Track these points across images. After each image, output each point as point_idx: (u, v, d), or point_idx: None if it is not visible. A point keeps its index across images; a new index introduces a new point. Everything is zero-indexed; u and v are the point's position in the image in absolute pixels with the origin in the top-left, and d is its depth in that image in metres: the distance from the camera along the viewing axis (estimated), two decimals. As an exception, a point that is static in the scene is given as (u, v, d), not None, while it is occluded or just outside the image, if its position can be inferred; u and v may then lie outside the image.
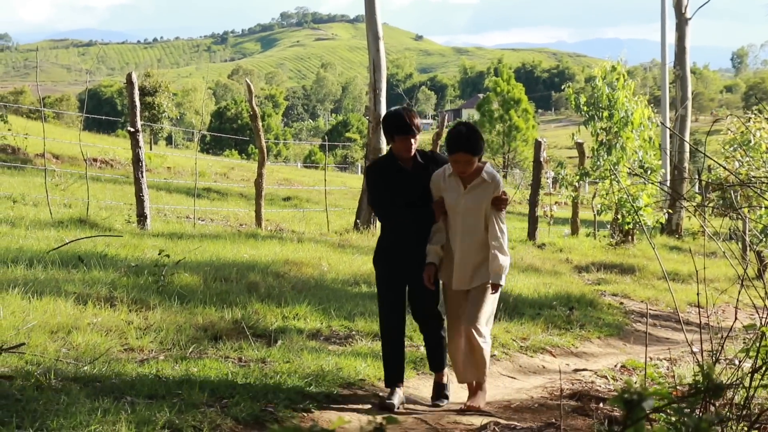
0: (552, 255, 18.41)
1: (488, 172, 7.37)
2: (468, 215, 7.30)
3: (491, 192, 7.31)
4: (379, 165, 7.74)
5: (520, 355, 9.86)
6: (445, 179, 7.36)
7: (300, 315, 9.76)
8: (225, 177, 32.56)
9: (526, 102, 78.03)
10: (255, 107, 18.40)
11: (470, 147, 7.17)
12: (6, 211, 14.93)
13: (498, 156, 74.74)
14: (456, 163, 7.24)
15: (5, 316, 7.84)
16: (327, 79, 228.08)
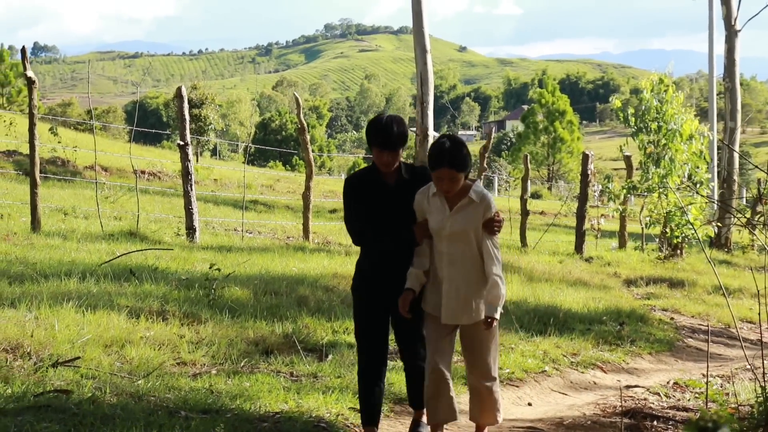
0: (600, 269, 18.31)
1: (477, 191, 6.46)
2: (455, 239, 6.42)
3: (480, 213, 6.40)
4: (358, 178, 6.75)
5: (570, 371, 9.80)
6: (429, 199, 6.48)
7: (350, 329, 9.73)
8: (271, 189, 32.69)
9: (570, 113, 77.80)
10: (302, 120, 18.45)
11: (455, 162, 6.26)
12: (58, 224, 15.07)
13: (542, 168, 74.51)
14: (439, 180, 6.34)
15: (60, 329, 7.90)
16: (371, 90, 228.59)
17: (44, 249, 12.18)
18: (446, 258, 6.44)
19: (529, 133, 76.65)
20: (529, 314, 11.64)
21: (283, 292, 11.01)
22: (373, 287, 6.65)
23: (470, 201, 6.40)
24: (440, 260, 6.48)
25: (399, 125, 6.50)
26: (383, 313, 6.70)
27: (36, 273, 10.17)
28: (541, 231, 24.49)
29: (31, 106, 14.20)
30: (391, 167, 6.52)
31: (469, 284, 6.43)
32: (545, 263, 17.63)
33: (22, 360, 7.11)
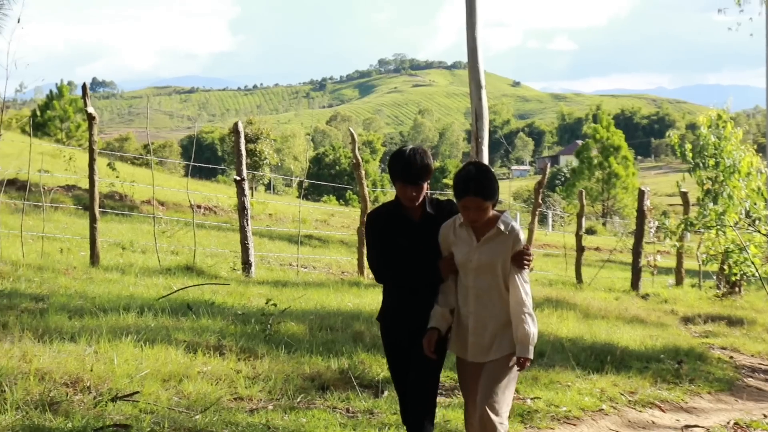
0: (657, 306, 18.15)
1: (505, 221, 6.12)
2: (482, 272, 6.09)
3: (509, 246, 6.08)
4: (381, 213, 6.45)
5: (628, 410, 9.69)
6: (455, 230, 6.17)
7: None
8: (325, 224, 32.80)
9: (625, 149, 77.28)
10: (357, 155, 18.53)
11: (481, 190, 5.95)
12: (116, 258, 15.23)
13: (597, 203, 74.06)
14: (465, 209, 6.04)
15: (119, 363, 7.96)
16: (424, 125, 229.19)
17: (103, 283, 12.30)
18: (473, 292, 6.11)
19: (583, 169, 76.27)
20: (586, 351, 11.55)
21: (338, 327, 11.02)
22: (396, 327, 6.37)
23: (498, 232, 6.07)
24: (466, 295, 6.15)
25: (423, 157, 6.21)
26: (406, 354, 6.35)
27: (95, 307, 10.28)
28: (597, 267, 24.32)
29: (91, 141, 14.40)
30: (416, 202, 6.22)
31: (497, 320, 6.09)
32: (601, 300, 17.52)
33: (82, 394, 7.17)
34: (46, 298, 10.56)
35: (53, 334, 8.77)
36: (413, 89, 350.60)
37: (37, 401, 6.77)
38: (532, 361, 6.08)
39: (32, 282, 11.56)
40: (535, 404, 8.84)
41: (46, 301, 10.31)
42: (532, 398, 9.05)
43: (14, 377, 7.11)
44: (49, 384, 7.15)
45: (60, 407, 6.75)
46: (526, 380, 9.67)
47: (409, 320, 6.27)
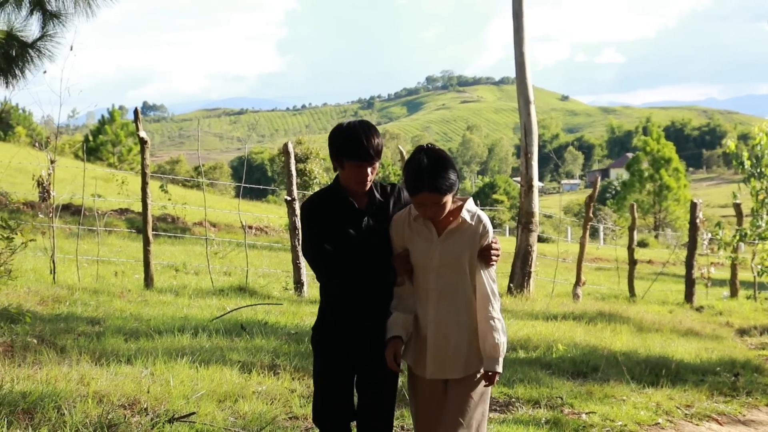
0: (711, 318, 17.99)
1: (470, 210, 5.24)
2: (445, 272, 5.20)
3: (477, 238, 5.20)
4: (320, 199, 5.44)
5: (685, 423, 9.60)
6: (410, 223, 5.27)
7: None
8: (375, 242, 32.84)
9: (676, 161, 76.80)
10: (407, 173, 18.55)
11: (437, 184, 5.04)
12: (170, 280, 15.38)
13: (649, 216, 73.55)
14: (421, 206, 5.14)
15: (175, 385, 8.04)
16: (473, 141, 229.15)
17: (157, 305, 12.42)
18: (434, 296, 5.20)
19: (634, 181, 75.88)
20: (640, 365, 11.46)
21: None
22: (337, 340, 5.39)
23: (463, 223, 5.20)
24: (426, 299, 5.23)
25: (374, 131, 5.37)
26: (349, 373, 5.45)
27: (150, 329, 10.38)
28: (650, 280, 24.16)
29: (143, 165, 14.56)
30: (366, 185, 5.35)
31: (462, 329, 5.22)
32: (655, 313, 17.39)
33: (140, 416, 7.24)
34: (102, 321, 10.68)
35: (110, 356, 8.88)
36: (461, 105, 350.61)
37: (96, 424, 6.84)
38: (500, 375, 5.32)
39: (88, 305, 11.70)
40: (590, 419, 8.80)
41: (103, 324, 10.44)
42: (587, 413, 9.00)
43: (73, 400, 7.20)
44: (107, 406, 7.23)
45: (118, 429, 6.82)
46: (581, 395, 9.64)
47: (358, 332, 5.33)
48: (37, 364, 8.30)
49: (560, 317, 15.07)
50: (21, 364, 8.25)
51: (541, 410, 8.84)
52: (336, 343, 5.37)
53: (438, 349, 5.22)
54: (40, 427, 6.63)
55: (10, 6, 9.99)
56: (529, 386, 9.74)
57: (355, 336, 5.33)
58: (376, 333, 5.27)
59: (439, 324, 5.21)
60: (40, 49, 10.32)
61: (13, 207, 20.88)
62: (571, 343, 12.43)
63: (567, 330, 13.74)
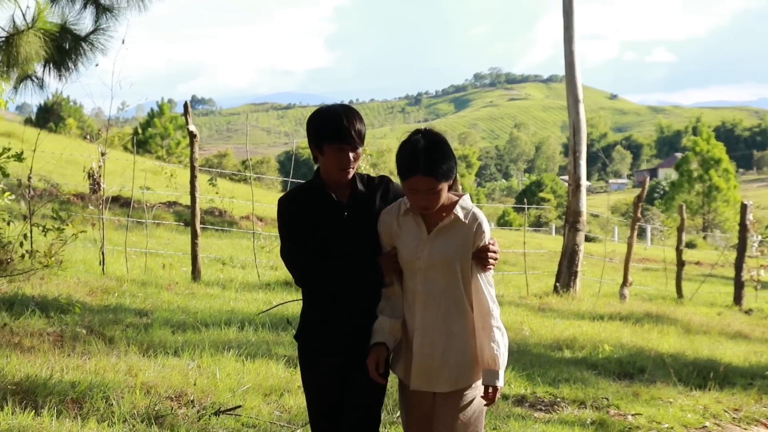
0: (761, 321, 17.81)
1: (465, 207, 4.73)
2: (433, 273, 4.68)
3: (470, 238, 4.68)
4: (298, 195, 4.94)
5: (732, 427, 9.52)
6: (399, 219, 4.79)
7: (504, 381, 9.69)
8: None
9: (726, 161, 76.01)
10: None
11: (433, 167, 4.53)
12: (216, 274, 15.45)
13: (697, 217, 72.91)
14: (413, 193, 4.62)
15: (221, 378, 8.09)
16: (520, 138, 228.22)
17: (204, 298, 12.50)
18: (421, 299, 4.69)
19: (683, 182, 75.21)
20: (688, 367, 11.38)
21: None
22: (324, 347, 4.89)
23: (456, 220, 4.69)
24: (412, 302, 4.74)
25: (356, 115, 4.84)
26: (334, 385, 4.93)
27: (197, 322, 10.45)
28: (698, 282, 23.94)
29: (192, 159, 14.65)
30: (349, 174, 4.82)
31: (451, 337, 4.69)
32: (703, 315, 17.26)
33: (186, 408, 7.29)
34: (150, 313, 10.76)
35: (157, 348, 8.95)
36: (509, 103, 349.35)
37: (143, 414, 6.90)
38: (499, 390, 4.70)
39: (136, 297, 11.80)
40: (636, 421, 8.75)
41: (150, 316, 10.52)
42: (633, 414, 8.95)
43: (121, 391, 7.26)
44: (154, 398, 7.29)
45: (165, 420, 6.87)
46: (627, 396, 9.58)
47: (341, 337, 4.84)
48: (86, 355, 8.39)
49: (606, 317, 15.00)
50: (70, 354, 8.34)
51: (587, 411, 8.82)
52: (318, 349, 4.89)
53: (423, 358, 4.68)
54: (88, 416, 6.71)
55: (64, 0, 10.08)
56: (574, 386, 9.71)
57: (338, 342, 4.83)
58: (361, 338, 4.78)
59: (426, 330, 4.69)
60: (93, 42, 10.40)
61: (64, 198, 21.09)
62: (617, 343, 12.37)
63: (613, 330, 13.68)
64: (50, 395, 6.89)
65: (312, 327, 4.91)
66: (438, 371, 4.67)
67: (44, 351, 8.28)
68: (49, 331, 9.00)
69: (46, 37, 9.76)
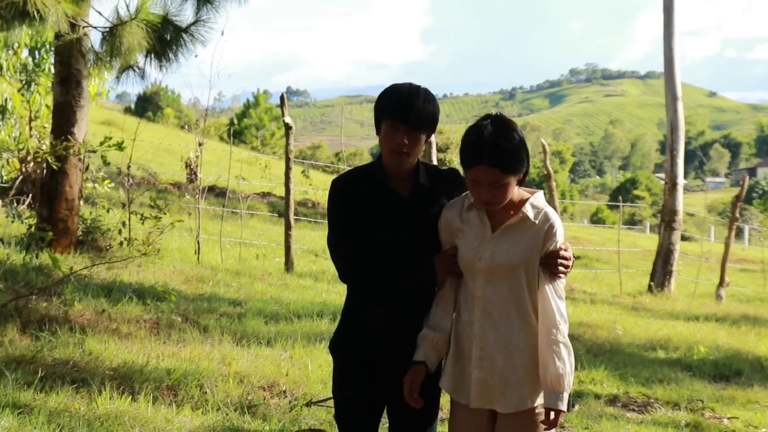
0: None
1: (536, 205, 4.15)
2: (495, 277, 4.11)
3: (539, 241, 4.09)
4: (354, 180, 4.38)
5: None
6: (462, 214, 4.21)
7: (596, 380, 9.62)
8: (514, 234, 32.63)
9: (828, 161, 74.29)
10: (549, 167, 18.46)
11: (499, 157, 3.97)
12: (309, 265, 15.55)
13: (798, 218, 71.40)
14: (476, 186, 4.05)
15: (313, 369, 8.14)
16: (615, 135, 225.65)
17: (297, 289, 12.59)
18: (480, 306, 4.13)
19: (783, 182, 73.81)
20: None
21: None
22: (365, 355, 4.33)
23: (524, 220, 4.11)
24: (471, 309, 4.17)
25: (424, 96, 4.24)
26: (378, 398, 4.42)
27: (290, 313, 10.54)
28: (797, 284, 23.44)
29: (287, 150, 14.75)
30: (402, 156, 4.24)
31: (512, 352, 4.12)
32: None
33: (278, 398, 7.36)
34: (243, 302, 10.88)
35: (251, 338, 9.05)
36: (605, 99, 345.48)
37: (236, 403, 6.98)
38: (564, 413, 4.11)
39: (230, 287, 11.93)
40: (732, 424, 8.59)
41: (244, 306, 10.63)
42: (729, 418, 8.79)
43: (215, 379, 7.36)
44: (247, 387, 7.38)
45: (258, 410, 6.95)
46: (722, 399, 9.42)
47: (385, 345, 4.30)
48: (181, 342, 8.51)
49: (702, 318, 14.77)
50: (166, 341, 8.47)
51: (681, 412, 8.68)
52: (359, 353, 4.33)
53: (484, 372, 4.12)
54: (183, 404, 6.81)
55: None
56: (668, 387, 9.58)
57: (385, 348, 4.29)
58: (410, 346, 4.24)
59: (485, 342, 4.12)
60: (193, 33, 10.54)
61: (161, 187, 21.42)
62: (713, 345, 12.18)
63: (709, 332, 13.46)
64: (146, 381, 7.02)
65: (353, 334, 4.35)
66: (498, 389, 4.12)
67: (141, 338, 8.42)
68: (145, 318, 9.15)
69: (148, 28, 9.92)
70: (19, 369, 6.90)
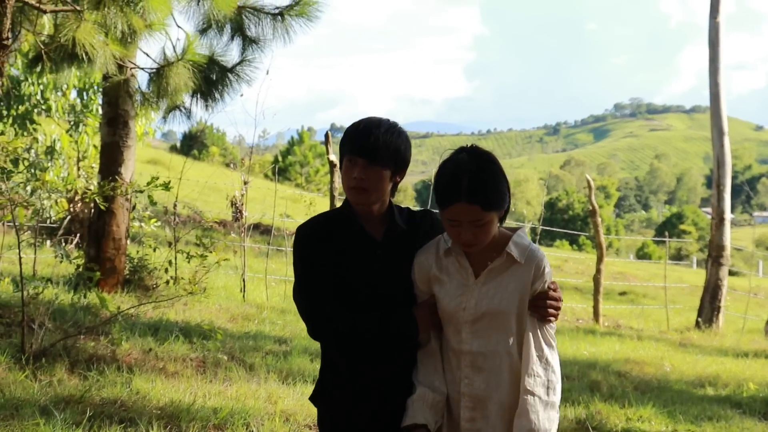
0: None
1: (520, 244, 3.76)
2: (484, 328, 3.71)
3: (528, 282, 3.71)
4: (321, 225, 3.95)
5: None
6: (439, 260, 3.82)
7: (644, 417, 9.52)
8: (559, 269, 32.51)
9: None
10: (594, 203, 18.39)
11: (477, 192, 3.59)
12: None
13: None
14: (453, 225, 3.66)
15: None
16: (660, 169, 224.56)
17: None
18: (467, 361, 3.72)
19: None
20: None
21: (574, 376, 10.93)
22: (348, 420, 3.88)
23: (509, 261, 3.73)
24: (457, 366, 3.75)
25: (390, 128, 3.87)
26: None
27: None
28: None
29: (332, 188, 14.83)
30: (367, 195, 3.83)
31: (505, 408, 3.70)
32: None
33: None
34: (289, 340, 10.90)
35: (296, 376, 9.06)
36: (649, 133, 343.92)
37: (283, 442, 6.99)
38: None
39: (276, 324, 11.96)
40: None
41: (289, 344, 10.65)
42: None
43: (261, 418, 7.37)
44: (293, 425, 7.38)
45: (304, 448, 6.96)
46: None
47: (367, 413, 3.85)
48: (227, 381, 8.54)
49: (751, 355, 14.61)
50: (212, 380, 8.50)
51: (728, 451, 8.58)
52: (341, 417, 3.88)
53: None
54: (229, 442, 6.82)
55: (213, 32, 10.34)
56: (717, 425, 9.46)
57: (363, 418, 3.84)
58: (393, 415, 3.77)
59: (476, 401, 3.70)
60: (239, 73, 10.64)
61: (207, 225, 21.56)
62: (763, 382, 12.02)
63: (758, 368, 13.30)
64: (193, 420, 7.04)
65: (332, 395, 3.92)
66: None
67: (187, 376, 8.46)
68: (191, 357, 9.19)
69: (194, 69, 10.02)
70: (67, 408, 6.94)
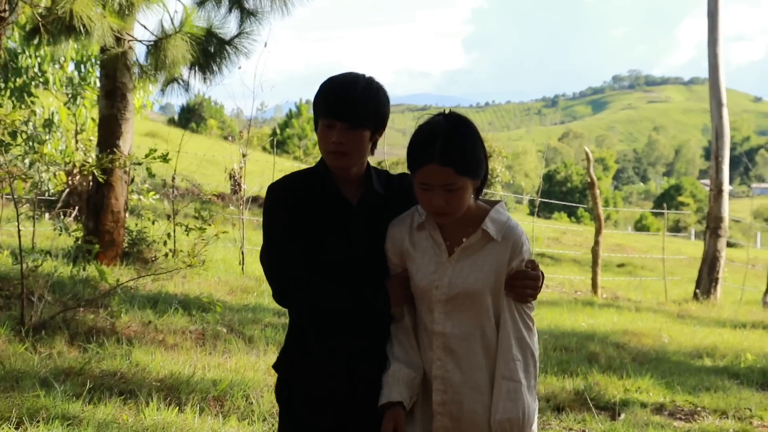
0: None
1: (497, 220, 3.49)
2: (457, 308, 3.46)
3: (505, 260, 3.45)
4: (294, 185, 3.65)
5: None
6: (411, 234, 3.55)
7: (642, 388, 9.55)
8: (557, 242, 32.55)
9: None
10: (592, 175, 18.39)
11: (452, 155, 3.34)
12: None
13: None
14: (424, 189, 3.39)
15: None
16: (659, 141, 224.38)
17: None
18: (440, 342, 3.48)
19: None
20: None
21: (573, 347, 10.97)
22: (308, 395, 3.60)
23: (485, 237, 3.46)
24: (429, 346, 3.52)
25: (368, 86, 3.61)
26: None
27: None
28: None
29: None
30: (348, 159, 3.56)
31: (479, 392, 3.47)
32: None
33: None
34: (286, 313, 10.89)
35: (295, 348, 9.07)
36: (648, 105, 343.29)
37: (282, 413, 7.01)
38: None
39: (274, 297, 11.96)
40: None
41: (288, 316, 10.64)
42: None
43: (261, 390, 7.40)
44: (293, 397, 7.40)
45: (303, 420, 6.97)
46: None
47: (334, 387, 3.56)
48: (226, 353, 8.56)
49: (749, 326, 14.66)
50: (211, 352, 8.52)
51: (729, 421, 8.61)
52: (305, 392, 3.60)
53: (447, 419, 3.49)
54: (229, 414, 6.85)
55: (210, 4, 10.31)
56: (715, 395, 9.50)
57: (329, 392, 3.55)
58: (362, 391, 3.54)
59: (448, 384, 3.48)
60: (237, 45, 10.61)
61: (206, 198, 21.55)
62: (760, 353, 12.08)
63: (756, 339, 13.36)
64: (193, 392, 7.06)
65: (296, 366, 3.64)
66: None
67: (187, 348, 8.48)
68: (191, 329, 9.21)
69: (192, 41, 10.00)
70: (67, 381, 6.96)
